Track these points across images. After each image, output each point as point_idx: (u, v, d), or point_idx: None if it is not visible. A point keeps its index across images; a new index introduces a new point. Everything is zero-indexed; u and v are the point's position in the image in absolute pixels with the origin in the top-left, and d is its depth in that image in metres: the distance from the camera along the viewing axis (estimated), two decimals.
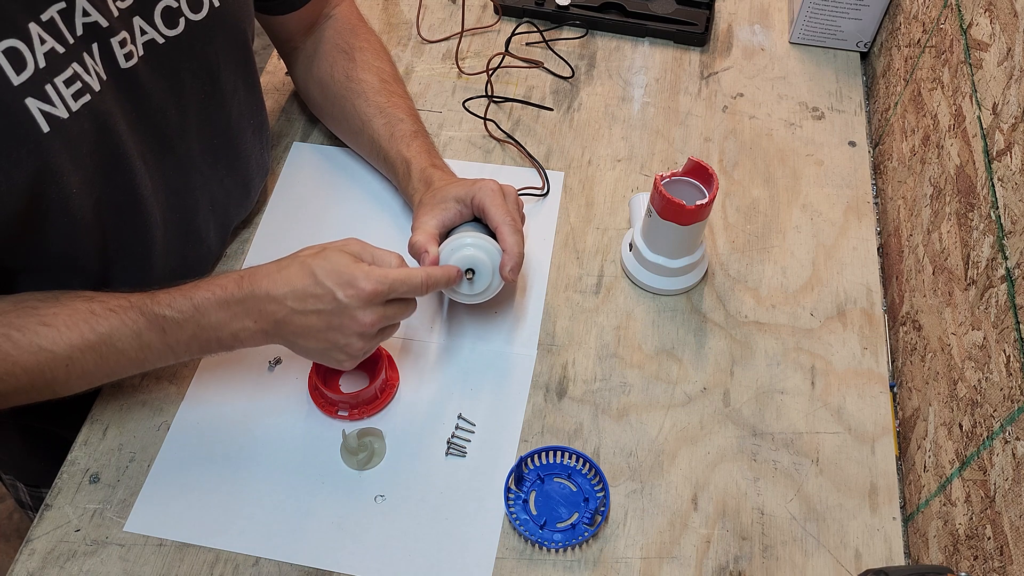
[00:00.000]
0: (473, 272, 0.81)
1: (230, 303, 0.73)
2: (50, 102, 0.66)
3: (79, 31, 0.68)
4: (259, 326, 0.74)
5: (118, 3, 0.70)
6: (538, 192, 1.00)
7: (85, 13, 0.67)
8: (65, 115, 0.67)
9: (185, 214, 0.85)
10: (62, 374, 0.71)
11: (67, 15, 0.66)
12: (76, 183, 0.71)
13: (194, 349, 0.75)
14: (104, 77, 0.70)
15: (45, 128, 0.65)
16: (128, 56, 0.72)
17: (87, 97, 0.68)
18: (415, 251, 0.81)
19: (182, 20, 0.76)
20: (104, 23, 0.69)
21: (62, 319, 0.71)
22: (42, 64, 0.65)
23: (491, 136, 1.05)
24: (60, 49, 0.66)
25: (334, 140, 1.05)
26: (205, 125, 0.83)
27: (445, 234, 0.84)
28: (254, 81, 0.90)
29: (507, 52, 1.12)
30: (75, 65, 0.67)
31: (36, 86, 0.64)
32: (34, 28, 0.64)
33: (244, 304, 0.73)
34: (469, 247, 0.81)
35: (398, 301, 0.76)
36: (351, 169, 1.02)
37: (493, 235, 0.83)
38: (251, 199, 0.95)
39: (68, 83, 0.67)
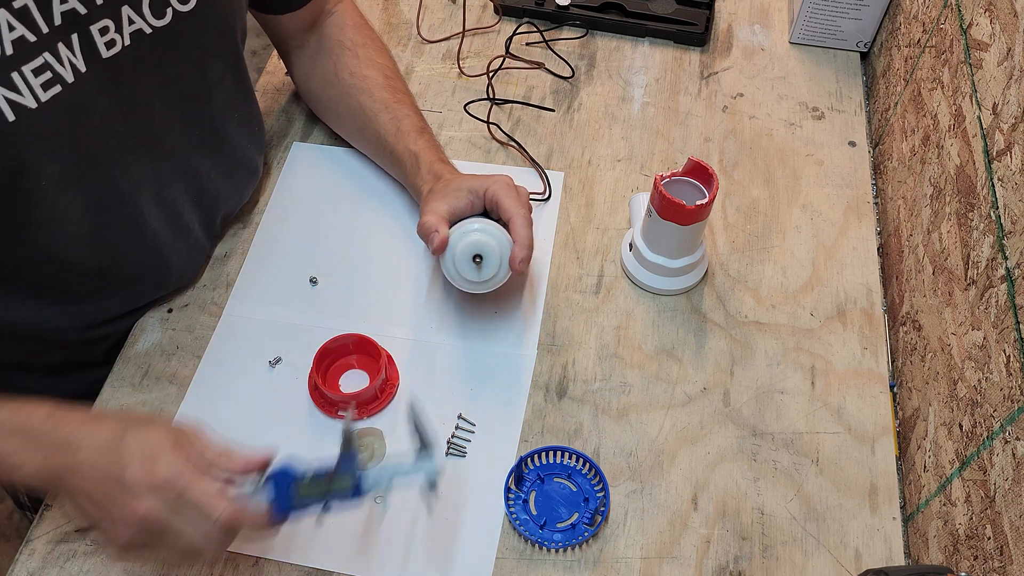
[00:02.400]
0: (481, 258, 0.81)
1: (29, 432, 0.66)
2: (16, 91, 0.65)
3: (57, 20, 0.66)
4: (48, 463, 0.65)
5: None
6: (539, 197, 1.00)
7: (63, 0, 0.66)
8: (33, 105, 0.66)
9: (173, 207, 0.85)
10: None
11: (44, 3, 0.65)
12: (52, 175, 0.70)
13: None
14: (83, 68, 0.69)
15: (11, 117, 0.65)
16: (110, 44, 0.71)
17: (58, 88, 0.67)
18: (425, 230, 0.81)
19: (169, 11, 0.75)
20: (83, 10, 0.68)
21: None
22: (9, 51, 0.64)
23: (494, 139, 1.05)
24: (31, 38, 0.65)
25: (334, 140, 1.04)
26: (188, 116, 0.82)
27: (454, 222, 0.84)
28: (242, 74, 0.89)
29: (508, 53, 1.12)
30: (47, 55, 0.66)
31: (1, 74, 0.64)
32: (3, 14, 0.63)
33: (42, 439, 0.66)
34: (478, 232, 0.81)
35: (195, 528, 0.62)
36: (351, 169, 1.02)
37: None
38: (240, 192, 0.94)
39: (37, 72, 0.66)
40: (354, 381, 0.86)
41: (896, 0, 1.08)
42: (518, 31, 1.15)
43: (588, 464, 0.80)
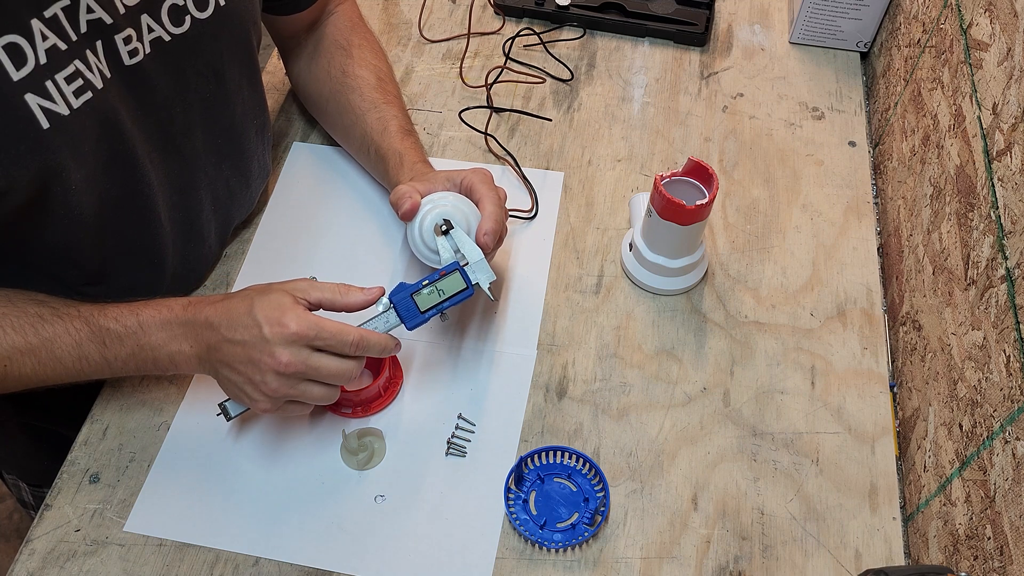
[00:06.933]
0: (449, 225, 0.81)
1: (173, 324, 0.74)
2: (50, 99, 0.66)
3: (83, 28, 0.68)
4: (194, 351, 0.74)
5: (125, 0, 0.70)
6: (525, 215, 0.99)
7: (89, 10, 0.68)
8: (66, 112, 0.67)
9: (188, 213, 0.85)
10: None
11: (71, 12, 0.67)
12: (78, 179, 0.71)
13: (131, 366, 0.76)
14: (108, 74, 0.71)
15: (45, 124, 0.66)
16: (133, 53, 0.72)
17: (89, 95, 0.69)
18: (398, 195, 0.82)
19: (188, 18, 0.76)
20: (108, 20, 0.69)
21: (9, 320, 0.72)
22: (43, 60, 0.65)
23: (490, 151, 1.05)
24: (62, 46, 0.66)
25: (334, 140, 1.04)
26: (210, 124, 0.83)
27: None
28: (257, 81, 0.90)
29: (508, 58, 1.12)
30: (77, 62, 0.67)
31: (36, 82, 0.65)
32: (36, 24, 0.64)
33: (185, 327, 0.74)
34: (447, 204, 0.82)
35: (332, 356, 0.73)
36: (351, 169, 1.02)
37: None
38: (252, 199, 0.95)
39: (69, 80, 0.67)
40: (358, 379, 0.85)
41: (896, 0, 1.08)
42: (518, 35, 1.14)
43: (588, 464, 0.80)
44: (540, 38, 1.15)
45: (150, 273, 0.84)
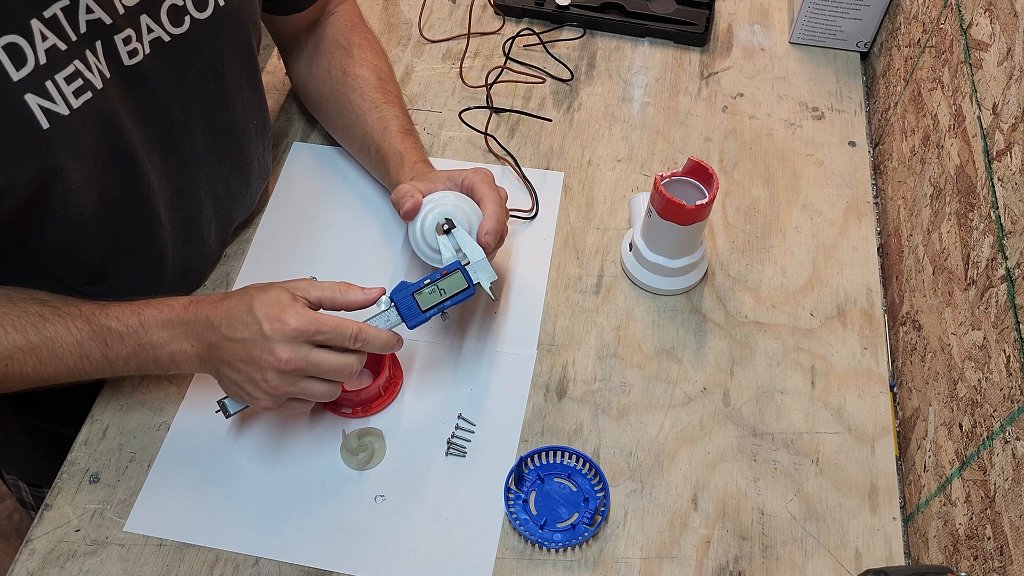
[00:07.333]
0: (450, 224, 0.81)
1: (174, 324, 0.74)
2: (50, 99, 0.66)
3: (82, 28, 0.68)
4: (195, 350, 0.74)
5: (124, 1, 0.71)
6: (525, 215, 0.99)
7: (88, 10, 0.68)
8: (66, 112, 0.67)
9: (188, 213, 0.85)
10: None
11: (71, 12, 0.67)
12: (78, 179, 0.71)
13: (132, 365, 0.76)
14: (108, 75, 0.71)
15: (45, 124, 0.66)
16: (132, 53, 0.72)
17: (88, 95, 0.69)
18: (399, 195, 0.82)
19: (187, 18, 0.76)
20: (108, 20, 0.69)
21: (11, 319, 0.72)
22: (43, 61, 0.65)
23: (490, 151, 1.05)
24: (62, 46, 0.66)
25: (334, 140, 1.05)
26: (209, 124, 0.83)
27: None
28: (257, 81, 0.90)
29: (508, 59, 1.12)
30: (77, 62, 0.67)
31: (36, 82, 0.65)
32: (36, 24, 0.64)
33: (186, 327, 0.74)
34: (448, 203, 0.82)
35: (332, 351, 0.73)
36: (351, 169, 1.02)
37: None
38: (252, 200, 0.96)
39: (69, 80, 0.67)
40: (358, 379, 0.85)
41: (896, 0, 1.08)
42: (518, 35, 1.14)
43: (588, 464, 0.80)
44: (540, 38, 1.15)
45: (150, 273, 0.84)
